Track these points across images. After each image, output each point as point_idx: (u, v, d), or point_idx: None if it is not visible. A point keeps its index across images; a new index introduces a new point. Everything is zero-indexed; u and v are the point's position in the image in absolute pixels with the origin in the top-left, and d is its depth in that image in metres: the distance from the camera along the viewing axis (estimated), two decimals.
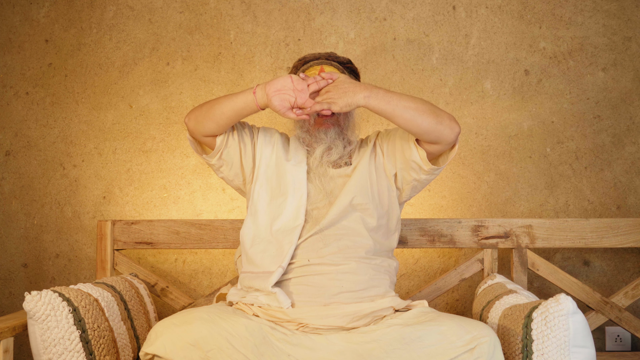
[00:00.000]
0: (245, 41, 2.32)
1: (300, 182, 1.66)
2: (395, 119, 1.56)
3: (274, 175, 1.70)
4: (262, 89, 1.58)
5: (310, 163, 1.70)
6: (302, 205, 1.63)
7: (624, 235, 2.07)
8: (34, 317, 1.49)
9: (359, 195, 1.64)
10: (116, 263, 2.12)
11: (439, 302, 2.28)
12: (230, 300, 1.64)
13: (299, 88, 1.57)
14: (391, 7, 2.30)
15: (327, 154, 1.69)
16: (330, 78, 1.59)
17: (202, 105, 1.67)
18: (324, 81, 1.59)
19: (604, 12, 2.28)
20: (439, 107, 1.61)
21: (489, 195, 2.28)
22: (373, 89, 1.55)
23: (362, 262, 1.59)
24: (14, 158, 2.34)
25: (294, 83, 1.57)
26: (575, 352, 1.41)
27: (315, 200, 1.65)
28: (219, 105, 1.62)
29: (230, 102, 1.61)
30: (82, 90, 2.33)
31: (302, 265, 1.57)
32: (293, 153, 1.73)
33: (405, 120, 1.55)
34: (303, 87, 1.58)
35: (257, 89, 1.59)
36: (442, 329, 1.38)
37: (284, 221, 1.63)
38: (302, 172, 1.68)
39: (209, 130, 1.65)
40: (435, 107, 1.58)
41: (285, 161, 1.71)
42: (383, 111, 1.55)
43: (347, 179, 1.68)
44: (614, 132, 2.27)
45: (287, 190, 1.66)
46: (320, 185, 1.67)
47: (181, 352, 1.35)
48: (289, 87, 1.57)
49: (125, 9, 2.33)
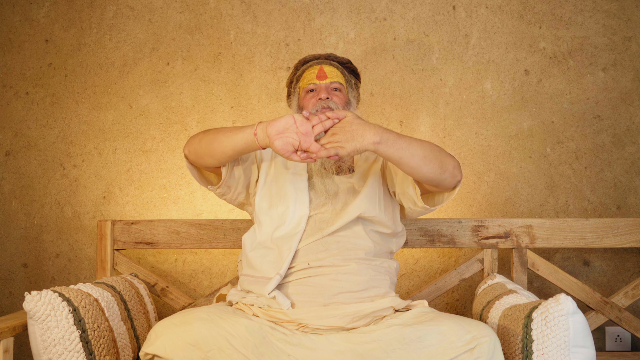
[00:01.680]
0: (245, 41, 2.32)
1: (301, 191, 1.66)
2: (400, 165, 1.50)
3: (273, 185, 1.70)
4: (263, 130, 1.48)
5: (311, 167, 1.70)
6: (305, 215, 1.63)
7: (624, 235, 2.07)
8: (34, 317, 1.49)
9: (368, 210, 1.63)
10: (116, 263, 2.12)
11: (439, 302, 2.28)
12: (230, 300, 1.64)
13: (302, 131, 1.45)
14: (391, 7, 2.30)
15: (327, 160, 1.68)
16: (336, 117, 1.47)
17: (201, 137, 1.59)
18: (330, 121, 1.47)
19: (604, 12, 2.28)
20: (445, 152, 1.54)
21: (489, 195, 2.28)
22: (383, 134, 1.44)
23: (363, 263, 1.59)
24: (14, 158, 2.34)
25: (297, 124, 1.45)
26: (575, 352, 1.41)
27: (317, 205, 1.65)
28: (219, 142, 1.55)
29: (231, 141, 1.54)
30: (82, 90, 2.33)
31: (302, 268, 1.57)
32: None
33: (411, 167, 1.49)
34: (307, 129, 1.45)
35: (258, 129, 1.49)
36: (442, 329, 1.38)
37: (285, 230, 1.63)
38: (302, 181, 1.68)
39: (210, 164, 1.62)
40: (442, 153, 1.52)
41: (284, 169, 1.71)
42: (390, 158, 1.48)
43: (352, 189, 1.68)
44: (614, 132, 2.27)
45: (288, 199, 1.65)
46: (323, 189, 1.66)
47: (181, 352, 1.35)
48: (292, 129, 1.45)
49: (125, 9, 2.33)
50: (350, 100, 1.74)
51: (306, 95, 1.72)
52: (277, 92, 2.31)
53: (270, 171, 1.72)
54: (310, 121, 1.46)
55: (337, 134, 1.45)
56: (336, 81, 1.72)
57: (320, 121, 1.46)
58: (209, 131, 1.61)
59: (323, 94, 1.68)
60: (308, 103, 1.70)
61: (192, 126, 2.31)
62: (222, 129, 1.58)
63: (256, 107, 2.31)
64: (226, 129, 1.57)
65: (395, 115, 2.29)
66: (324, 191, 1.66)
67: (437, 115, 2.29)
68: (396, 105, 2.29)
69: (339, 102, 1.69)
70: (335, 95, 1.70)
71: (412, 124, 2.29)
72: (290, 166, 1.72)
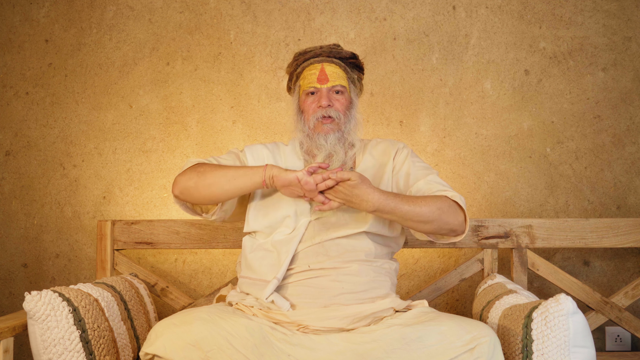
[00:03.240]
0: (245, 41, 2.32)
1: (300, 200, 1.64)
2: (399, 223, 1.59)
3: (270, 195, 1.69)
4: (270, 179, 1.57)
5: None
6: (305, 219, 1.63)
7: (624, 235, 2.07)
8: (34, 317, 1.48)
9: (372, 227, 1.63)
10: (116, 263, 2.12)
11: (439, 302, 2.28)
12: (230, 301, 1.64)
13: (307, 188, 1.52)
14: (391, 7, 2.30)
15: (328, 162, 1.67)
16: (340, 180, 1.48)
17: (196, 180, 1.60)
18: (332, 181, 1.50)
19: (604, 12, 2.28)
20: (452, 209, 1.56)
21: (489, 195, 2.28)
22: (381, 204, 1.49)
23: (363, 264, 1.59)
24: (14, 158, 2.34)
25: (302, 183, 1.51)
26: (575, 352, 1.41)
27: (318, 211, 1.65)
28: (220, 187, 1.58)
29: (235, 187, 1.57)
30: (82, 90, 2.33)
31: (302, 270, 1.57)
32: (290, 167, 1.70)
33: (409, 225, 1.57)
34: (311, 187, 1.51)
35: (266, 177, 1.57)
36: (442, 329, 1.38)
37: (285, 233, 1.63)
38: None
39: (204, 203, 1.65)
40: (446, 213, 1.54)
41: None
42: (389, 218, 1.55)
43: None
44: (614, 132, 2.27)
45: (288, 207, 1.64)
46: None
47: (181, 352, 1.35)
48: (297, 186, 1.53)
49: (125, 9, 2.33)
50: (353, 101, 1.72)
51: (307, 99, 1.69)
52: (277, 92, 2.31)
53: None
54: (315, 179, 1.50)
55: (339, 192, 1.50)
56: (338, 84, 1.68)
57: (324, 180, 1.50)
58: (201, 172, 1.60)
59: (324, 101, 1.65)
60: (308, 108, 1.68)
61: (192, 126, 2.31)
62: (218, 169, 1.60)
63: (256, 107, 2.31)
64: (224, 171, 1.59)
65: (395, 115, 2.29)
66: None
67: (437, 115, 2.29)
68: (396, 105, 2.29)
69: (340, 107, 1.67)
70: (336, 100, 1.67)
71: (412, 124, 2.29)
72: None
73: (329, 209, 1.53)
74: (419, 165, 1.69)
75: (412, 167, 1.69)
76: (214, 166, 1.62)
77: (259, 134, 2.31)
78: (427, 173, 1.67)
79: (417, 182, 1.65)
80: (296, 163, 1.72)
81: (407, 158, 1.71)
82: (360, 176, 1.48)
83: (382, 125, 2.29)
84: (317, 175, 1.51)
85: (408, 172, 1.68)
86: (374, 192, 1.49)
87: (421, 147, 2.28)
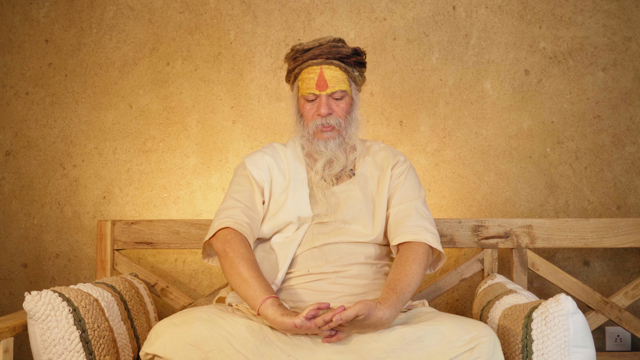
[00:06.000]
0: (245, 41, 2.32)
1: (303, 207, 1.64)
2: None
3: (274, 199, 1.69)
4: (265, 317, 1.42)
5: (311, 178, 1.68)
6: (305, 225, 1.63)
7: (624, 235, 2.07)
8: (34, 317, 1.48)
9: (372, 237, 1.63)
10: (116, 263, 2.12)
11: (439, 302, 2.28)
12: (230, 302, 1.63)
13: (308, 332, 1.39)
14: (391, 7, 2.30)
15: (328, 168, 1.66)
16: (346, 320, 1.33)
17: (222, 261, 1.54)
18: (335, 323, 1.34)
19: (604, 12, 2.28)
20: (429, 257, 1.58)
21: (489, 195, 2.28)
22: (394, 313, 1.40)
23: (363, 267, 1.59)
24: (14, 158, 2.34)
25: (302, 329, 1.36)
26: (575, 352, 1.41)
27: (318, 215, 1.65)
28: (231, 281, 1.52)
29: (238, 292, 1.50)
30: (82, 90, 2.33)
31: (301, 274, 1.57)
32: (292, 172, 1.70)
33: None
34: (313, 331, 1.38)
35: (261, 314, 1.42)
36: (441, 329, 1.38)
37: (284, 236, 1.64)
38: (304, 197, 1.66)
39: None
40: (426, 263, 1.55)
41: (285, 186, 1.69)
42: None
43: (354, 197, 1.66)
44: (614, 132, 2.27)
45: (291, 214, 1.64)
46: (324, 201, 1.65)
47: (181, 352, 1.35)
48: (295, 330, 1.38)
49: (125, 9, 2.33)
50: (353, 101, 1.71)
51: (306, 104, 1.68)
52: (277, 92, 2.31)
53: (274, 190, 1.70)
54: (316, 322, 1.34)
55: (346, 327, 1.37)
56: (337, 90, 1.65)
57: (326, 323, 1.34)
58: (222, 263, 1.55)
59: (323, 110, 1.64)
60: (308, 114, 1.68)
61: (192, 126, 2.31)
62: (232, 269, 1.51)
63: (256, 107, 2.31)
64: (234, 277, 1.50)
65: (395, 115, 2.29)
66: (325, 203, 1.65)
67: (437, 115, 2.29)
68: (396, 105, 2.29)
69: (340, 112, 1.66)
70: (336, 106, 1.66)
71: (412, 124, 2.29)
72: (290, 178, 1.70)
73: (337, 340, 1.38)
74: (409, 186, 1.68)
75: (401, 187, 1.68)
76: (231, 263, 1.52)
77: (258, 134, 2.31)
78: (413, 197, 1.65)
79: (399, 205, 1.64)
80: (298, 166, 1.71)
81: (402, 174, 1.70)
82: (366, 305, 1.33)
83: (382, 125, 2.29)
84: (318, 319, 1.34)
85: (395, 191, 1.68)
86: (383, 313, 1.38)
87: (421, 147, 2.29)
